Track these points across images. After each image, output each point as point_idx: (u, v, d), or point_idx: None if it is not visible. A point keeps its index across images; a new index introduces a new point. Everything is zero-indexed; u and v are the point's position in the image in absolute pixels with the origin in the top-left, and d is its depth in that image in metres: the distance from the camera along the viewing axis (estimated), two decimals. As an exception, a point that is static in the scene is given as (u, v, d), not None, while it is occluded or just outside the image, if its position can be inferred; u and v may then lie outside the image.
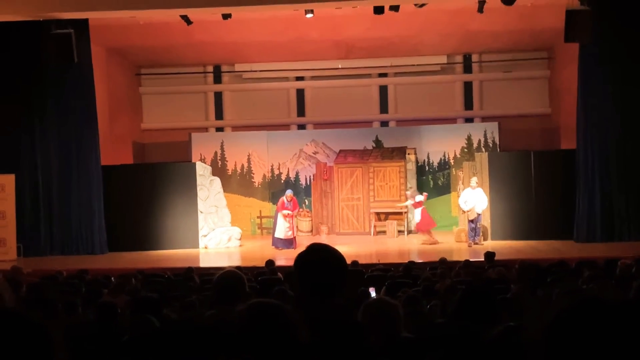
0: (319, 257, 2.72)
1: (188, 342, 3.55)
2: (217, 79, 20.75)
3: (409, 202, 16.98)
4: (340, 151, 19.29)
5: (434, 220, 16.75)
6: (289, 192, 16.35)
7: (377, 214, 18.35)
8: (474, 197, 15.51)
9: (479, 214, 15.54)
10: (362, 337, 2.63)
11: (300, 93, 20.60)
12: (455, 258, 12.61)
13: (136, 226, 16.40)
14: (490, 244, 15.12)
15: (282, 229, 15.94)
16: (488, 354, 2.81)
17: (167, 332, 4.07)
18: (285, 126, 20.56)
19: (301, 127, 20.64)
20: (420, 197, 16.63)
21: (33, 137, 16.10)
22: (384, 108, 20.38)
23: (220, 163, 19.86)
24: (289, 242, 15.91)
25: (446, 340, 3.29)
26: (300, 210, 18.06)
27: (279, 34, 17.69)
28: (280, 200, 16.30)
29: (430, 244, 15.93)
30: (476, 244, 15.38)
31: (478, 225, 15.63)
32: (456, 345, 3.15)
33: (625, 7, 14.68)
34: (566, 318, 1.47)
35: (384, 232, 17.97)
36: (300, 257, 2.75)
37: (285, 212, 15.93)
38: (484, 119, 19.93)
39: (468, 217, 15.57)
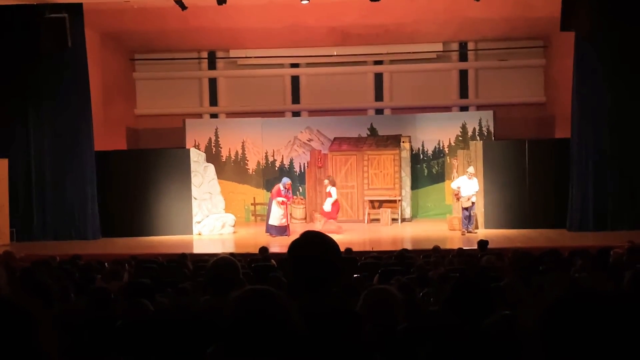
0: (313, 245, 2.72)
1: (182, 328, 3.55)
2: (212, 65, 20.67)
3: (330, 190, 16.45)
4: (335, 139, 19.26)
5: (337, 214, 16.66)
6: (287, 180, 16.29)
7: (371, 201, 18.36)
8: (469, 187, 15.52)
9: (473, 203, 15.56)
10: (358, 325, 2.63)
11: (295, 80, 20.54)
12: (449, 246, 12.65)
13: (130, 212, 16.39)
14: (483, 233, 15.17)
15: (276, 216, 15.93)
16: (482, 343, 2.81)
17: (161, 319, 4.07)
18: (279, 113, 20.51)
19: (296, 114, 20.59)
20: (330, 189, 16.41)
21: (26, 121, 16.05)
22: (379, 96, 20.35)
23: (214, 150, 19.82)
24: (283, 230, 15.91)
25: (440, 329, 3.29)
26: (294, 197, 18.05)
27: (274, 20, 17.62)
28: (276, 187, 16.24)
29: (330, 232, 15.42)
30: (470, 232, 15.42)
31: (472, 214, 15.66)
32: (450, 334, 3.15)
33: (622, -3, 14.66)
34: (560, 308, 1.47)
35: (378, 220, 17.98)
36: (294, 245, 2.75)
37: (280, 199, 15.91)
38: (479, 107, 19.91)
39: (462, 205, 15.58)
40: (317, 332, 2.38)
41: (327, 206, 16.40)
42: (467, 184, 15.54)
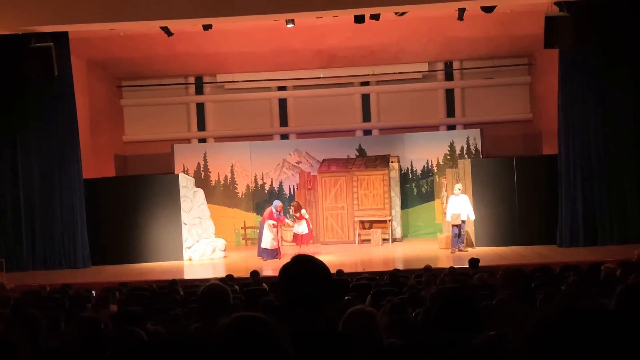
0: (303, 269, 2.72)
1: (173, 356, 3.52)
2: (199, 90, 20.70)
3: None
4: (324, 160, 19.28)
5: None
6: (278, 203, 16.28)
7: (362, 222, 18.34)
8: (458, 204, 15.55)
9: (463, 221, 15.57)
10: (347, 348, 2.62)
11: (282, 103, 20.59)
12: (440, 265, 12.64)
13: (119, 239, 16.29)
14: (474, 251, 15.16)
15: (268, 240, 15.89)
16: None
17: (152, 347, 4.03)
18: (268, 136, 20.53)
19: (284, 136, 20.62)
20: (302, 212, 16.52)
21: (14, 151, 16.00)
22: (366, 117, 20.40)
23: (203, 174, 19.79)
24: (274, 253, 15.86)
25: (427, 350, 3.28)
26: (286, 220, 18.02)
27: (260, 44, 17.69)
28: (268, 210, 16.22)
29: None
30: (460, 250, 15.42)
31: (462, 232, 15.66)
32: (437, 355, 3.14)
33: (604, 13, 14.82)
34: (546, 327, 1.47)
35: (369, 240, 17.95)
36: (285, 269, 2.74)
37: (271, 222, 15.87)
38: (466, 125, 20.00)
39: (451, 223, 15.59)
40: (308, 355, 2.37)
41: (304, 228, 16.36)
42: (456, 202, 15.56)
